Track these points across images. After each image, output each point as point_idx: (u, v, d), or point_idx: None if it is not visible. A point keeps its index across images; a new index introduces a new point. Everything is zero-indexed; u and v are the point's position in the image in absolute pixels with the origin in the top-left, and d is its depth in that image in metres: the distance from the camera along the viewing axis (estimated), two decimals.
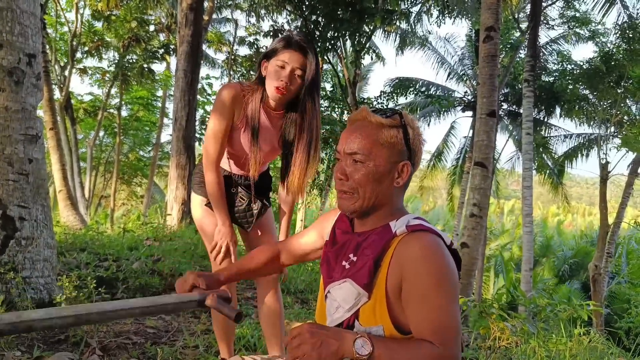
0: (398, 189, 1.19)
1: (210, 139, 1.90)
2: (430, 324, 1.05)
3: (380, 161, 1.15)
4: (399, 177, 1.18)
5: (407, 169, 1.18)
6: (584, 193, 64.39)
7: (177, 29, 8.95)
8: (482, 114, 6.09)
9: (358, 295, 1.14)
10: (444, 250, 1.10)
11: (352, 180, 1.17)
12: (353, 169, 1.17)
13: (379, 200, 1.18)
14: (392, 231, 1.15)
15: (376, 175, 1.15)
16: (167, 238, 6.32)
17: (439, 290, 1.05)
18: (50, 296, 2.65)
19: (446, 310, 1.05)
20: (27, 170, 2.70)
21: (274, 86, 1.81)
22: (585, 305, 2.97)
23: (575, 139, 14.79)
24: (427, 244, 1.09)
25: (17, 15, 2.70)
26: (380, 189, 1.17)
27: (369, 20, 9.26)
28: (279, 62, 1.79)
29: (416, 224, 1.15)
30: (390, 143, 1.16)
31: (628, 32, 10.98)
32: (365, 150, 1.15)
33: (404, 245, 1.11)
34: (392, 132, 1.16)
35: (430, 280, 1.06)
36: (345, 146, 1.18)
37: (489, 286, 18.20)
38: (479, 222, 6.17)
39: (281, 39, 1.85)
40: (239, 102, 1.88)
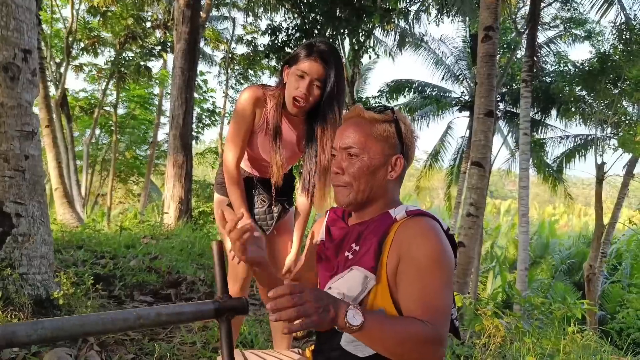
0: (392, 182, 1.23)
1: (230, 142, 1.89)
2: (421, 303, 1.06)
3: (374, 154, 1.19)
4: (393, 170, 1.22)
5: (400, 162, 1.21)
6: (579, 193, 64.64)
7: (174, 26, 8.93)
8: (480, 113, 6.11)
9: (365, 280, 1.15)
10: (442, 234, 1.13)
11: (347, 174, 1.20)
12: (348, 162, 1.21)
13: (374, 193, 1.21)
14: (392, 217, 1.18)
15: (370, 167, 1.19)
16: (164, 236, 6.33)
17: (433, 272, 1.07)
18: (47, 293, 2.65)
19: (439, 292, 1.07)
20: (23, 166, 2.69)
21: (292, 96, 1.79)
22: (579, 304, 2.99)
23: (572, 140, 14.84)
24: (426, 226, 1.13)
25: (12, 10, 2.69)
26: (375, 181, 1.20)
27: (367, 18, 9.27)
28: (299, 72, 1.76)
29: (415, 209, 1.19)
30: (383, 137, 1.20)
31: (625, 34, 11.01)
32: (359, 144, 1.19)
33: (403, 228, 1.14)
34: (385, 127, 1.20)
35: (426, 261, 1.08)
36: (340, 141, 1.22)
37: (487, 286, 18.26)
38: (476, 221, 6.19)
39: (304, 46, 1.80)
40: (260, 105, 1.86)
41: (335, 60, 1.77)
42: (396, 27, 13.26)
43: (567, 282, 17.40)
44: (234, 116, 1.90)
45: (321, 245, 1.31)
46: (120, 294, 3.40)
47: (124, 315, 0.99)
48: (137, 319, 0.99)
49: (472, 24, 13.28)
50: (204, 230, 7.76)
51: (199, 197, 18.53)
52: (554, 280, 18.09)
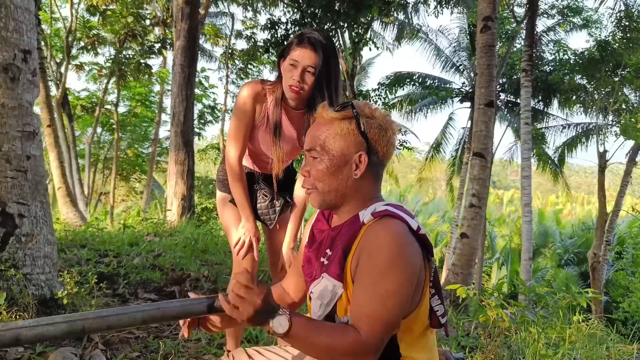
0: (361, 180, 1.18)
1: (232, 138, 1.91)
2: (363, 309, 1.06)
3: (334, 154, 1.16)
4: (357, 169, 1.17)
5: (363, 159, 1.16)
6: (582, 182, 64.48)
7: (173, 23, 8.91)
8: (481, 104, 6.09)
9: (334, 288, 1.15)
10: (405, 238, 1.09)
11: (312, 177, 1.19)
12: (311, 165, 1.20)
13: (342, 193, 1.18)
14: (360, 220, 1.16)
15: (331, 168, 1.17)
16: (167, 233, 6.34)
17: (383, 279, 1.05)
18: (51, 292, 2.66)
19: (384, 301, 1.05)
20: (25, 167, 2.69)
21: (288, 85, 1.80)
22: (584, 292, 2.99)
23: (574, 128, 14.78)
24: (387, 230, 1.09)
25: (11, 11, 2.69)
26: (339, 182, 1.17)
27: (366, 11, 9.21)
28: (291, 61, 1.78)
29: (381, 209, 1.14)
30: (341, 135, 1.16)
31: (624, 21, 10.93)
32: (318, 145, 1.18)
33: (367, 232, 1.12)
34: (344, 125, 1.17)
35: (378, 268, 1.06)
36: (305, 144, 1.22)
37: (492, 277, 18.27)
38: (478, 212, 6.19)
39: (295, 37, 1.83)
40: (259, 100, 1.88)
41: (325, 46, 1.78)
42: (395, 19, 13.19)
43: (575, 271, 17.39)
44: (234, 112, 1.91)
45: (306, 246, 1.31)
46: (124, 292, 3.41)
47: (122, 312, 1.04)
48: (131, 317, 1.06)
49: (470, 14, 13.20)
50: (207, 227, 7.78)
51: (202, 193, 18.56)
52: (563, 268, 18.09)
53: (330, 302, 1.16)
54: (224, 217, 2.06)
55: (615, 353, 3.11)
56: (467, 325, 3.55)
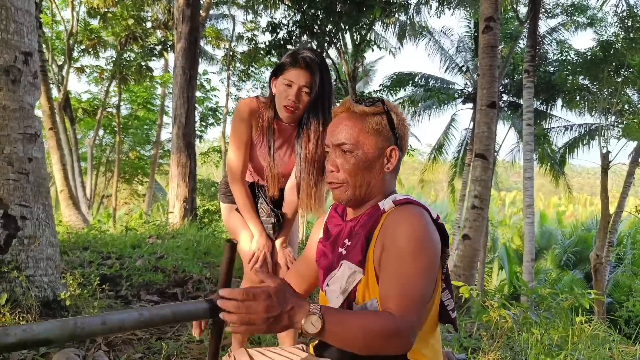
0: (389, 174, 1.22)
1: (232, 153, 1.93)
2: (394, 291, 1.05)
3: (368, 148, 1.18)
4: (389, 162, 1.20)
5: (395, 153, 1.20)
6: (585, 183, 64.32)
7: (174, 25, 8.93)
8: (483, 105, 6.08)
9: (353, 273, 1.15)
10: (427, 222, 1.11)
11: (343, 171, 1.19)
12: (343, 159, 1.19)
13: (372, 187, 1.20)
14: (381, 208, 1.17)
15: (366, 162, 1.18)
16: (169, 235, 6.34)
17: (412, 259, 1.06)
18: (54, 294, 2.66)
19: (414, 280, 1.05)
20: (27, 169, 2.70)
21: (282, 105, 1.81)
22: (587, 294, 2.98)
23: (576, 129, 14.75)
24: (411, 214, 1.11)
25: (12, 13, 2.69)
26: (372, 176, 1.19)
27: (367, 12, 9.22)
28: (286, 81, 1.79)
29: (402, 198, 1.17)
30: (375, 130, 1.18)
31: (627, 21, 10.91)
32: (352, 139, 1.17)
33: (390, 218, 1.13)
34: (377, 119, 1.18)
35: (406, 248, 1.06)
36: (333, 138, 1.20)
37: (492, 278, 18.23)
38: (480, 213, 6.17)
39: (288, 55, 1.83)
40: (255, 116, 1.89)
41: (320, 66, 1.80)
42: (396, 20, 13.19)
43: (577, 273, 17.34)
44: (232, 130, 1.93)
45: (320, 241, 1.31)
46: (126, 294, 3.41)
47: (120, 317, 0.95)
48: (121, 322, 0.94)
49: (473, 15, 13.19)
50: (210, 229, 7.79)
51: (204, 195, 18.57)
52: (563, 269, 18.05)
53: (347, 288, 1.15)
54: (230, 222, 2.07)
55: (618, 354, 3.09)
56: (469, 326, 3.54)
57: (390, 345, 1.00)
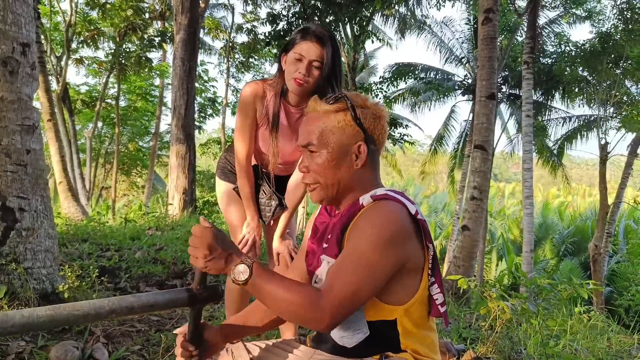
0: (361, 170, 1.19)
1: (238, 137, 1.94)
2: (332, 269, 1.07)
3: (332, 147, 1.16)
4: (357, 159, 1.18)
5: (363, 149, 1.17)
6: (583, 174, 64.35)
7: (174, 16, 8.87)
8: (482, 96, 6.06)
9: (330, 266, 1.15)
10: (397, 219, 1.08)
11: (312, 172, 1.19)
12: (310, 160, 1.19)
13: (344, 185, 1.19)
14: (360, 203, 1.17)
15: (332, 162, 1.17)
16: (169, 227, 6.35)
17: (366, 250, 1.05)
18: (52, 286, 2.67)
19: (359, 269, 1.04)
20: (25, 160, 2.69)
21: (292, 77, 1.81)
22: (585, 284, 2.99)
23: (575, 120, 14.73)
24: (382, 210, 1.10)
25: (9, 4, 2.67)
26: (341, 174, 1.18)
27: (367, 4, 9.16)
28: (296, 55, 1.78)
29: (381, 193, 1.15)
30: (339, 127, 1.16)
31: (626, 13, 10.84)
32: (316, 139, 1.17)
33: (364, 213, 1.13)
34: (340, 116, 1.17)
35: (365, 239, 1.06)
36: (300, 139, 1.20)
37: (491, 269, 18.31)
38: (480, 204, 6.17)
39: (298, 31, 1.84)
40: (260, 99, 1.90)
41: (330, 41, 1.80)
42: (396, 12, 13.10)
43: (574, 262, 17.43)
44: (237, 113, 1.95)
45: (308, 241, 1.32)
46: (126, 285, 3.41)
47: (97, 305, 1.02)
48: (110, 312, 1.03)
49: (473, 7, 13.10)
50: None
51: (203, 187, 18.57)
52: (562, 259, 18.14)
53: None
54: (229, 216, 2.08)
55: (616, 344, 3.11)
56: (468, 317, 3.56)
57: (305, 316, 1.02)
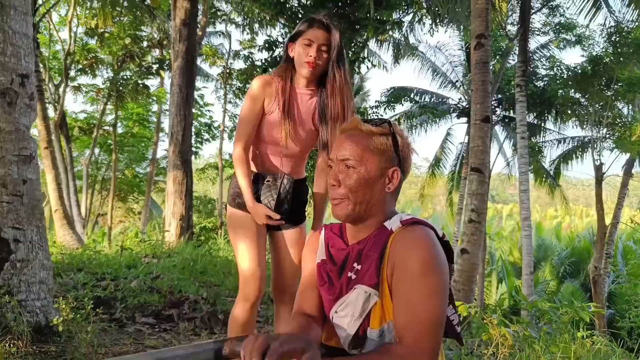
0: (389, 195, 1.23)
1: (239, 129, 2.00)
2: (406, 318, 1.07)
3: (371, 167, 1.19)
4: (390, 183, 1.22)
5: (397, 174, 1.22)
6: (580, 195, 64.55)
7: (171, 44, 8.99)
8: (477, 119, 6.11)
9: (368, 298, 1.15)
10: (434, 242, 1.13)
11: (344, 186, 1.20)
12: (345, 174, 1.20)
13: (372, 206, 1.21)
14: (388, 229, 1.18)
15: (368, 180, 1.19)
16: (165, 254, 6.29)
17: (423, 283, 1.07)
18: (47, 319, 2.62)
19: (426, 303, 1.06)
20: (21, 191, 2.68)
21: (304, 61, 1.93)
22: (587, 307, 2.96)
23: (570, 142, 14.87)
24: (418, 235, 1.13)
25: (10, 37, 2.70)
26: (372, 194, 1.20)
27: (362, 30, 9.32)
28: (306, 41, 1.93)
29: (408, 218, 1.19)
30: (380, 150, 1.20)
31: (615, 36, 11.09)
32: (356, 155, 1.19)
33: (398, 238, 1.15)
34: (382, 140, 1.21)
35: (416, 272, 1.08)
36: (338, 153, 1.22)
37: (491, 291, 18.15)
38: (478, 227, 6.16)
39: (305, 21, 1.99)
40: (269, 88, 1.98)
41: (334, 26, 1.97)
42: (390, 37, 13.33)
43: (575, 284, 17.30)
44: (244, 102, 2.01)
45: (321, 265, 1.28)
46: (121, 316, 3.36)
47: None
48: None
49: (465, 32, 13.37)
50: (206, 247, 7.72)
51: (200, 213, 18.48)
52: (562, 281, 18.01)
53: (362, 312, 1.15)
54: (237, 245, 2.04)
55: None
56: (470, 343, 3.50)
57: None
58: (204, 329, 3.22)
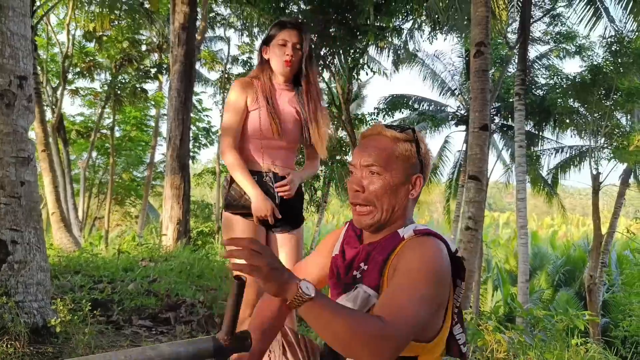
0: (411, 202, 1.23)
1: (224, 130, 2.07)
2: (390, 300, 1.04)
3: (396, 173, 1.18)
4: (413, 189, 1.21)
5: (420, 181, 1.21)
6: (577, 204, 64.70)
7: (170, 48, 9.01)
8: (475, 127, 6.14)
9: (367, 299, 1.15)
10: (443, 256, 1.11)
11: (369, 192, 1.18)
12: (369, 180, 1.19)
13: (395, 212, 1.20)
14: (401, 236, 1.18)
15: (393, 187, 1.18)
16: (162, 258, 6.27)
17: (417, 283, 1.05)
18: (44, 320, 2.61)
19: (416, 300, 1.03)
20: (19, 193, 2.68)
21: (282, 60, 2.05)
22: (581, 315, 2.97)
23: (567, 151, 14.94)
24: (429, 246, 1.12)
25: (8, 38, 2.71)
26: (397, 201, 1.19)
27: (361, 37, 9.37)
28: (281, 42, 2.05)
29: (423, 229, 1.18)
30: (405, 156, 1.19)
31: (616, 46, 11.18)
32: (382, 161, 1.18)
33: (407, 245, 1.14)
34: (407, 146, 1.20)
35: (416, 273, 1.06)
36: (362, 159, 1.20)
37: (487, 299, 18.15)
38: (475, 234, 6.17)
39: (276, 24, 2.12)
40: (250, 87, 2.08)
41: (303, 26, 2.12)
42: (390, 44, 13.40)
43: (569, 291, 17.33)
44: (226, 105, 2.11)
45: (334, 259, 1.30)
46: (118, 319, 3.35)
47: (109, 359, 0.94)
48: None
49: (465, 40, 13.45)
50: (203, 252, 7.71)
51: (197, 217, 18.45)
52: (557, 289, 18.02)
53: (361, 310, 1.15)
54: None
55: None
56: (466, 350, 3.50)
57: (373, 345, 0.96)
58: (200, 332, 3.22)
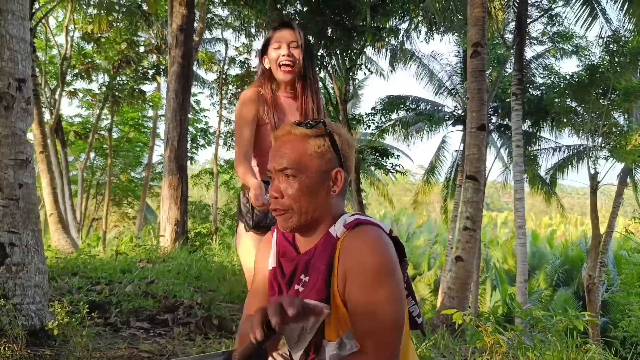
0: (335, 198, 1.16)
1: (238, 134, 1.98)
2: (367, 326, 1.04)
3: (312, 172, 1.12)
4: (335, 185, 1.15)
5: (340, 175, 1.15)
6: (575, 203, 64.83)
7: (168, 50, 9.01)
8: (472, 127, 6.16)
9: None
10: (384, 242, 1.07)
11: (287, 197, 1.13)
12: (286, 184, 1.13)
13: (319, 212, 1.14)
14: (334, 235, 1.12)
15: (310, 187, 1.12)
16: (160, 259, 6.27)
17: (379, 286, 1.03)
18: (42, 323, 2.61)
19: (385, 308, 1.03)
20: (17, 195, 2.68)
21: (279, 64, 1.97)
22: (581, 315, 2.97)
23: (565, 150, 14.97)
24: (367, 238, 1.07)
25: (7, 41, 2.71)
26: (317, 201, 1.13)
27: (358, 37, 9.38)
28: (275, 44, 1.98)
29: (351, 220, 1.12)
30: (318, 152, 1.13)
31: (613, 45, 11.21)
32: (294, 163, 1.12)
33: (346, 246, 1.09)
34: (319, 142, 1.14)
35: (370, 277, 1.04)
36: (275, 163, 1.14)
37: (486, 299, 18.17)
38: (473, 235, 6.18)
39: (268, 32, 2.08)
40: (260, 97, 2.00)
41: (297, 25, 2.05)
42: (387, 44, 13.42)
43: (567, 291, 17.37)
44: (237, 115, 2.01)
45: (272, 274, 1.22)
46: (116, 321, 3.35)
47: None
48: None
49: (462, 41, 13.48)
50: (201, 253, 7.71)
51: (195, 218, 18.45)
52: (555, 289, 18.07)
53: (313, 327, 1.08)
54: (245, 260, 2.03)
55: None
56: (464, 350, 3.51)
57: None
58: (198, 334, 3.21)
